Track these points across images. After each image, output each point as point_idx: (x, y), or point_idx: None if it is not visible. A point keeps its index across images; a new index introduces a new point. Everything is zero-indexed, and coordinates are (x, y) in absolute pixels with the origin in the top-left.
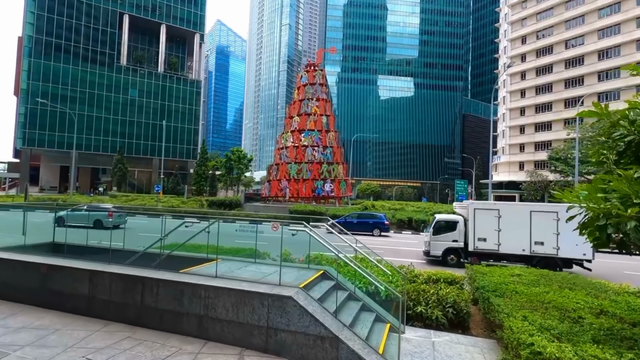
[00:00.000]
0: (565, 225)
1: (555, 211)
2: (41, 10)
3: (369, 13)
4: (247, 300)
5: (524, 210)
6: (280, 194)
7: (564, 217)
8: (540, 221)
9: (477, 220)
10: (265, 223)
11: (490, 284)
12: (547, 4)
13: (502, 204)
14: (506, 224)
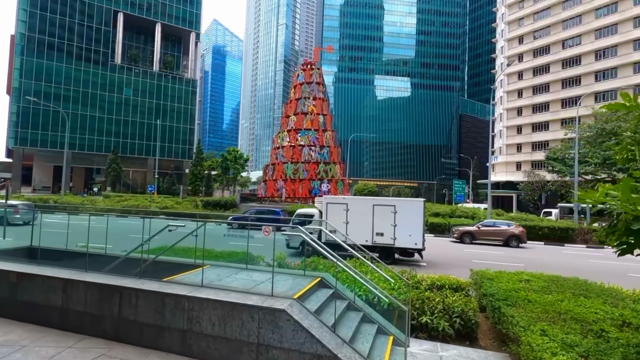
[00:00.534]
0: (401, 218)
1: (393, 205)
2: (34, 8)
3: (366, 13)
4: (235, 314)
5: (368, 204)
6: (277, 194)
7: (401, 210)
8: (381, 214)
9: (329, 214)
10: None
11: (500, 292)
12: (544, 4)
13: (350, 198)
14: (353, 216)
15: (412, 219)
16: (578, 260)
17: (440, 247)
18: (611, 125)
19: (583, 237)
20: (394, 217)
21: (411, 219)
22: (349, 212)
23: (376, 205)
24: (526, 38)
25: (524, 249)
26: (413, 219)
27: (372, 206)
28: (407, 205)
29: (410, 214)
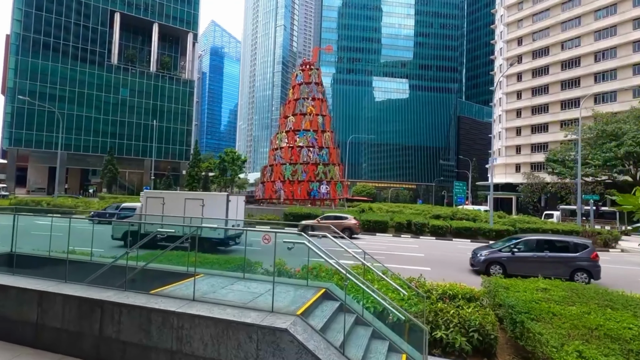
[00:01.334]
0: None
1: (201, 198)
2: (29, 7)
3: (364, 15)
4: (231, 333)
5: (181, 198)
6: (275, 196)
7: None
8: (192, 207)
9: (149, 207)
10: (258, 227)
11: (519, 303)
12: (544, 5)
13: (166, 192)
14: (168, 209)
15: (218, 211)
16: None
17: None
18: (612, 127)
19: None
20: (202, 210)
21: (217, 212)
22: (165, 205)
23: (187, 198)
24: (525, 39)
25: None
26: (219, 212)
27: (184, 200)
28: (213, 198)
29: (216, 206)
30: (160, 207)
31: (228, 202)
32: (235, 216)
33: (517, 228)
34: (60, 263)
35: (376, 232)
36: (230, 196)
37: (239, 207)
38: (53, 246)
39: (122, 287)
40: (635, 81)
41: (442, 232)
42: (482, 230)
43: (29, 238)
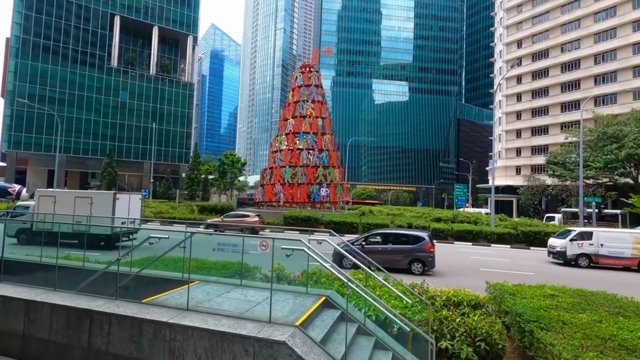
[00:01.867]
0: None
1: (90, 197)
2: (29, 11)
3: (364, 17)
4: (226, 346)
5: (71, 196)
6: (274, 198)
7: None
8: (81, 205)
9: (41, 205)
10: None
11: (528, 311)
12: (543, 8)
13: (57, 191)
14: (59, 207)
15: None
16: (588, 269)
17: None
18: (613, 129)
19: None
20: (90, 207)
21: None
22: (56, 203)
23: (77, 197)
24: (525, 42)
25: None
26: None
27: (74, 198)
28: (101, 197)
29: (104, 205)
30: (51, 206)
31: (115, 200)
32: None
33: (519, 231)
34: (51, 269)
35: None
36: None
37: (134, 206)
38: (47, 251)
39: (113, 295)
40: (635, 83)
41: (443, 235)
42: (483, 233)
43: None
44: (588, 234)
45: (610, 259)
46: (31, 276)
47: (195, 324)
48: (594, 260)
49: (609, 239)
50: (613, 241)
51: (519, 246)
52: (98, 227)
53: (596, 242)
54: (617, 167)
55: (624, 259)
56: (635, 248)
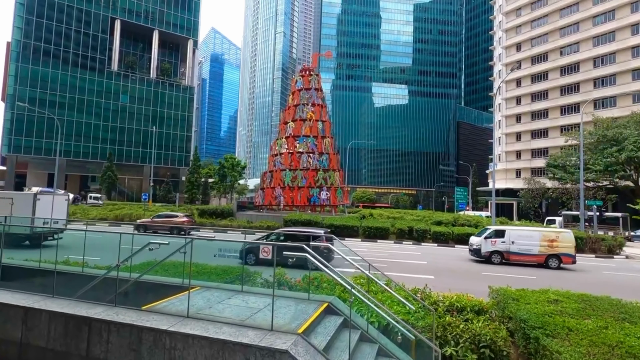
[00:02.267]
0: (17, 208)
1: (11, 197)
2: (30, 15)
3: (364, 21)
4: (227, 355)
5: None
6: (274, 202)
7: (17, 202)
8: (2, 205)
9: None
10: (257, 234)
11: (532, 317)
12: (542, 12)
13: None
14: None
15: (26, 209)
16: (591, 272)
17: None
18: (612, 132)
19: (591, 247)
20: (11, 208)
21: (25, 210)
22: None
23: None
24: (524, 45)
25: None
26: (26, 210)
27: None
28: (22, 197)
29: (25, 205)
30: None
31: (35, 201)
32: (52, 215)
33: None
34: (50, 275)
35: (377, 239)
36: (43, 195)
37: (59, 206)
38: (45, 256)
39: (112, 302)
40: (635, 86)
41: (444, 239)
42: None
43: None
44: (501, 232)
45: (520, 255)
46: (29, 282)
47: (195, 332)
48: (505, 257)
49: (520, 237)
50: (523, 239)
51: None
52: (18, 227)
53: (508, 240)
54: (618, 170)
55: (532, 256)
56: (542, 245)
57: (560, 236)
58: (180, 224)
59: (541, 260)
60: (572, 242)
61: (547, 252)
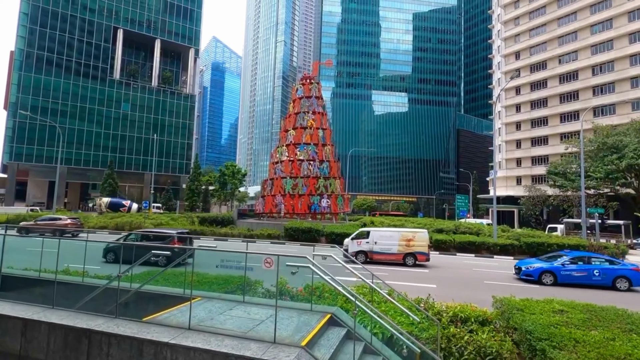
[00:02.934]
0: None
1: None
2: (34, 25)
3: (363, 30)
4: None
5: None
6: (275, 210)
7: None
8: None
9: None
10: (258, 241)
11: (538, 328)
12: (540, 21)
13: None
14: None
15: None
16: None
17: None
18: (612, 140)
19: None
20: None
21: None
22: None
23: None
24: (523, 54)
25: None
26: None
27: None
28: None
29: None
30: None
31: None
32: None
33: (522, 242)
34: (50, 285)
35: None
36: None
37: None
38: (46, 264)
39: (112, 313)
40: (633, 94)
41: (445, 247)
42: (486, 244)
43: (22, 255)
44: (366, 233)
45: (381, 254)
46: (29, 292)
47: (197, 344)
48: (369, 257)
49: (382, 237)
50: (385, 239)
51: (522, 257)
52: None
53: (372, 240)
54: (618, 178)
55: (392, 255)
56: (400, 245)
57: (417, 236)
58: (64, 227)
59: (400, 258)
60: (427, 241)
61: (405, 251)
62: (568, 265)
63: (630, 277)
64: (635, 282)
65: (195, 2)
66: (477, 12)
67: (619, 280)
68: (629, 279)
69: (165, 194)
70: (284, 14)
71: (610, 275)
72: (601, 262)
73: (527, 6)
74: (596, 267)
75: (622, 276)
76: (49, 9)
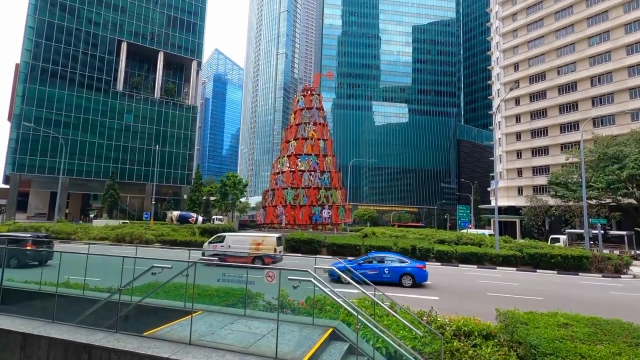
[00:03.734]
0: None
1: None
2: (39, 38)
3: (363, 42)
4: None
5: None
6: (276, 220)
7: None
8: None
9: None
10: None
11: (543, 342)
12: (538, 33)
13: None
14: None
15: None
16: (599, 293)
17: None
18: (613, 150)
19: (597, 266)
20: None
21: None
22: None
23: None
24: (521, 65)
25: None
26: None
27: None
28: None
29: None
30: None
31: None
32: None
33: (524, 253)
34: (51, 298)
35: None
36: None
37: None
38: (46, 277)
39: (113, 327)
40: (632, 105)
41: (447, 258)
42: (488, 255)
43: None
44: (222, 237)
45: (233, 257)
46: (30, 306)
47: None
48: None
49: (235, 242)
50: (238, 243)
51: (525, 269)
52: None
53: (226, 244)
54: (620, 188)
55: (243, 257)
56: (251, 248)
57: (265, 240)
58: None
59: (249, 260)
60: (274, 245)
61: (254, 254)
62: (364, 265)
63: (414, 274)
64: (418, 278)
65: (198, 15)
66: (476, 24)
67: (404, 278)
68: (413, 276)
69: (166, 205)
70: (285, 26)
71: (397, 273)
72: (392, 262)
73: (525, 19)
74: (387, 266)
75: (407, 273)
76: (55, 23)
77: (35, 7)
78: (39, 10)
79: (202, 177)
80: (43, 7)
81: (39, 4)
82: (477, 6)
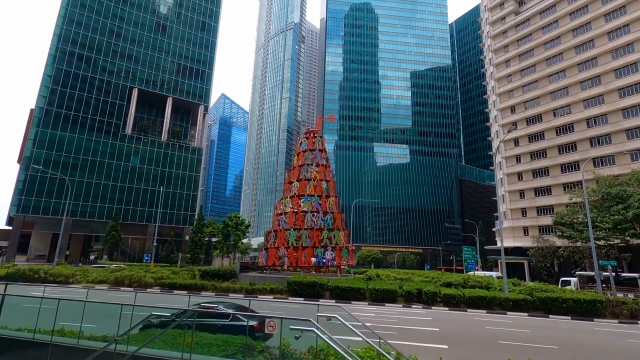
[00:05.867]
0: None
1: None
2: (55, 85)
3: (364, 87)
4: None
5: None
6: (278, 262)
7: None
8: None
9: None
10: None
11: None
12: (531, 78)
13: None
14: None
15: None
16: (617, 341)
17: None
18: (616, 190)
19: (612, 311)
20: None
21: None
22: None
23: None
24: (518, 108)
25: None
26: None
27: None
28: None
29: None
30: None
31: None
32: None
33: (535, 297)
34: (45, 348)
35: (385, 302)
36: None
37: None
38: (41, 323)
39: None
40: (630, 145)
41: (455, 302)
42: (497, 299)
43: (17, 314)
44: None
45: None
46: (22, 356)
47: None
48: None
49: None
50: None
51: (536, 314)
52: None
53: None
54: (628, 228)
55: None
56: None
57: None
58: None
59: None
60: None
61: None
62: None
63: None
64: None
65: (207, 64)
66: (471, 70)
67: None
68: None
69: (167, 246)
70: (289, 73)
71: None
72: None
73: (518, 65)
74: None
75: None
76: (71, 71)
77: (55, 57)
78: (57, 60)
79: (204, 218)
80: (61, 58)
81: (58, 54)
82: (471, 54)
